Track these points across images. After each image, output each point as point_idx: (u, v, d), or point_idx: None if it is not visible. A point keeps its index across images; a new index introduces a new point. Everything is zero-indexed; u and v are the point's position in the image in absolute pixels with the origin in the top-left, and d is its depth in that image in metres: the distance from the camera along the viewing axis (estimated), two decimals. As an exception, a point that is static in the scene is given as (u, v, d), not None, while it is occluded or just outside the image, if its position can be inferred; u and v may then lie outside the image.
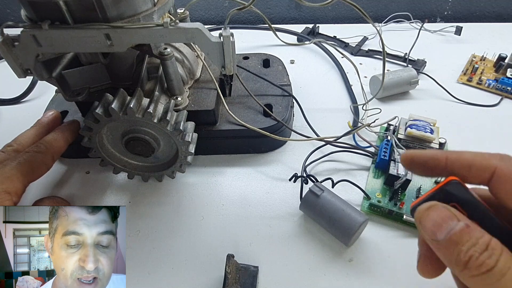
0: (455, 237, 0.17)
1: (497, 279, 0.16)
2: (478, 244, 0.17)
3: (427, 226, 0.19)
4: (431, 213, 0.19)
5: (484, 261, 0.17)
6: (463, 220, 0.18)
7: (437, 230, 0.18)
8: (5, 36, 0.28)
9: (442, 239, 0.18)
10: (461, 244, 0.17)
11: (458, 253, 0.17)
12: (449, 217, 0.18)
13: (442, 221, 0.18)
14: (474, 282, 0.17)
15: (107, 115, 0.30)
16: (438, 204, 0.19)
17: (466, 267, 0.17)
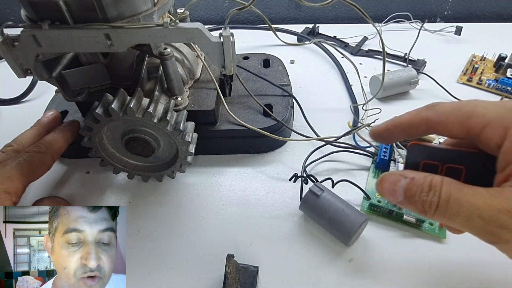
0: (408, 193, 0.20)
1: (445, 208, 0.19)
2: (423, 189, 0.20)
3: (386, 196, 0.22)
4: (383, 185, 0.22)
5: (430, 200, 0.20)
6: (408, 175, 0.21)
7: (394, 195, 0.21)
8: (5, 36, 0.28)
9: (402, 200, 0.21)
10: (414, 196, 0.20)
11: (415, 204, 0.20)
12: (396, 180, 0.21)
13: (393, 186, 0.21)
14: (439, 219, 0.20)
15: (107, 115, 0.30)
16: (384, 175, 0.22)
17: (426, 213, 0.20)
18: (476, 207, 0.18)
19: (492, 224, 0.18)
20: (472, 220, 0.19)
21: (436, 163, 0.22)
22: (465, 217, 0.19)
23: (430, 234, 0.32)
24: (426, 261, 0.31)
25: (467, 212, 0.19)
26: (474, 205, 0.19)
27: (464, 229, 0.20)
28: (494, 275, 0.30)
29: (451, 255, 0.31)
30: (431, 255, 0.31)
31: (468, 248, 0.32)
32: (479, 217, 0.18)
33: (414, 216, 0.33)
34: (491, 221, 0.18)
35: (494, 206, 0.18)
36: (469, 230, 0.19)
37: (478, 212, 0.18)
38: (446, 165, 0.22)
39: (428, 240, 0.32)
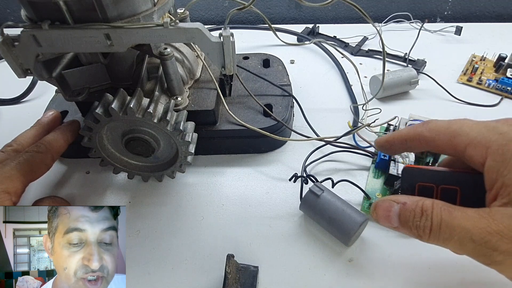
0: (402, 218, 0.21)
1: (438, 233, 0.20)
2: (416, 214, 0.21)
3: (382, 222, 0.23)
4: (377, 211, 0.23)
5: (424, 225, 0.20)
6: (401, 201, 0.22)
7: (389, 221, 0.22)
8: (5, 36, 0.28)
9: (397, 225, 0.22)
10: (408, 221, 0.21)
11: (410, 229, 0.21)
12: (389, 205, 0.22)
13: (387, 212, 0.22)
14: (435, 243, 0.21)
15: (107, 115, 0.30)
16: (377, 202, 0.23)
17: (421, 237, 0.21)
18: (467, 230, 0.19)
19: (483, 247, 0.19)
20: (464, 244, 0.19)
21: (431, 185, 0.23)
22: (458, 241, 0.19)
23: (430, 234, 0.32)
24: (426, 261, 0.31)
25: (459, 236, 0.19)
26: (465, 229, 0.19)
27: (458, 252, 0.20)
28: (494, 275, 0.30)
29: (451, 255, 0.31)
30: (431, 255, 0.31)
31: (468, 248, 0.32)
32: (470, 240, 0.19)
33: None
34: (482, 244, 0.19)
35: (484, 228, 0.19)
36: (463, 252, 0.20)
37: (469, 235, 0.19)
38: (441, 186, 0.23)
39: (428, 240, 0.32)
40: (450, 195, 0.22)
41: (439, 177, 0.23)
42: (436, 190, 0.23)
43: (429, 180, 0.23)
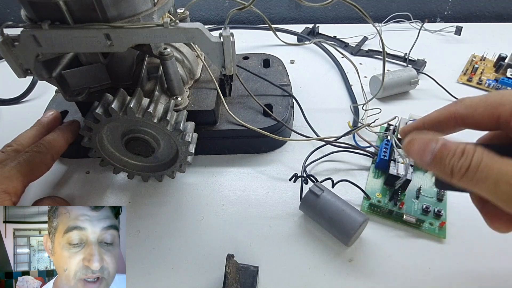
0: (438, 155, 0.21)
1: (474, 173, 0.19)
2: (455, 154, 0.20)
3: (414, 155, 0.22)
4: (412, 145, 0.22)
5: (461, 164, 0.20)
6: (441, 140, 0.21)
7: (422, 155, 0.21)
8: (5, 36, 0.28)
9: (429, 161, 0.21)
10: (444, 159, 0.21)
11: (444, 167, 0.21)
12: (428, 142, 0.21)
13: (424, 147, 0.21)
14: (466, 184, 0.20)
15: (107, 115, 0.30)
16: (414, 136, 0.22)
17: (453, 175, 0.20)
18: (505, 172, 0.19)
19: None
20: (499, 186, 0.19)
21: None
22: (493, 183, 0.19)
23: (430, 234, 0.32)
24: (426, 261, 0.31)
25: (495, 178, 0.19)
26: (503, 171, 0.19)
27: (489, 195, 0.19)
28: (494, 275, 0.30)
29: (451, 255, 0.31)
30: (431, 255, 0.31)
31: (468, 248, 0.32)
32: (506, 183, 0.18)
33: (414, 216, 0.33)
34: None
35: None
36: (494, 196, 0.19)
37: (506, 178, 0.18)
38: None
39: (428, 240, 0.32)
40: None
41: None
42: None
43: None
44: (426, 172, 0.37)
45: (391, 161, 0.36)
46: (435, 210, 0.33)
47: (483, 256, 0.31)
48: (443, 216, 0.33)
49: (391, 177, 0.35)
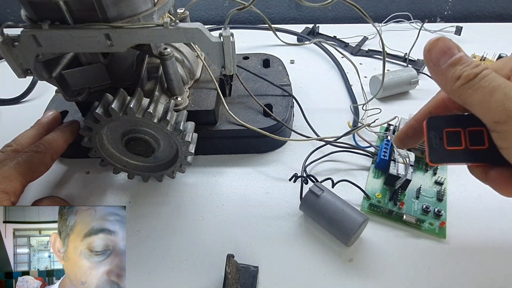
0: (454, 61, 0.21)
1: (479, 80, 0.20)
2: (470, 65, 0.21)
3: (433, 53, 0.22)
4: (439, 42, 0.22)
5: (472, 71, 0.21)
6: (462, 52, 0.22)
7: (441, 57, 0.22)
8: (5, 36, 0.28)
9: (443, 65, 0.22)
10: (459, 65, 0.21)
11: (454, 72, 0.21)
12: (452, 47, 0.22)
13: (446, 49, 0.22)
14: (465, 91, 0.21)
15: (107, 115, 0.30)
16: (444, 37, 0.22)
17: (456, 81, 0.21)
18: (504, 85, 0.20)
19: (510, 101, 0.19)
20: (494, 93, 0.20)
21: (458, 129, 0.23)
22: (490, 90, 0.20)
23: (430, 234, 0.32)
24: (426, 261, 0.31)
25: (493, 86, 0.20)
26: (503, 84, 0.20)
27: (482, 102, 0.20)
28: (494, 275, 0.30)
29: (451, 255, 0.31)
30: (431, 255, 0.31)
31: (468, 248, 0.32)
32: (502, 93, 0.19)
33: (414, 216, 0.33)
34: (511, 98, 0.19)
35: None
36: (486, 104, 0.20)
37: (505, 90, 0.19)
38: (467, 129, 0.23)
39: (428, 240, 0.32)
40: (478, 137, 0.22)
41: (463, 121, 0.23)
42: (463, 133, 0.23)
43: (455, 125, 0.23)
44: (426, 172, 0.37)
45: (391, 161, 0.36)
46: (435, 210, 0.33)
47: (483, 256, 0.31)
48: (443, 216, 0.33)
49: (391, 177, 0.35)
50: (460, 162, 0.23)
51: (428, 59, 0.23)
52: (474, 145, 0.22)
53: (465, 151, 0.22)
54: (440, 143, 0.23)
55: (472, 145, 0.22)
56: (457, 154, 0.23)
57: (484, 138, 0.22)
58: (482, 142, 0.22)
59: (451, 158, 0.23)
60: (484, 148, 0.22)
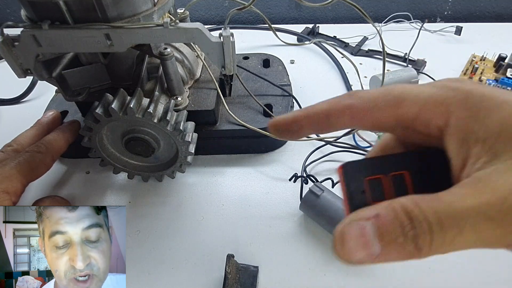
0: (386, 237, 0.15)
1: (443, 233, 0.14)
2: (403, 222, 0.14)
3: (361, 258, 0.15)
4: (347, 244, 0.15)
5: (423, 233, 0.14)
6: (370, 214, 0.15)
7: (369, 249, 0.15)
8: (5, 36, 0.28)
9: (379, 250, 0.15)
10: (399, 237, 0.14)
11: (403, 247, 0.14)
12: (360, 228, 0.15)
13: (361, 239, 0.15)
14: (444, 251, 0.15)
15: (107, 115, 0.30)
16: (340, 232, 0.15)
17: (421, 250, 0.15)
18: (475, 209, 0.14)
19: (508, 218, 0.14)
20: (481, 230, 0.14)
21: (379, 176, 0.18)
22: (472, 229, 0.14)
23: (430, 234, 0.32)
24: (426, 261, 0.31)
25: (471, 222, 0.14)
26: (472, 209, 0.14)
27: (474, 245, 0.15)
28: (494, 275, 0.30)
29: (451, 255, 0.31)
30: (431, 255, 0.31)
31: (468, 248, 0.32)
32: (487, 219, 0.14)
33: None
34: (504, 215, 0.14)
35: (494, 195, 0.14)
36: (480, 243, 0.15)
37: (482, 214, 0.14)
38: (390, 174, 0.18)
39: (428, 240, 0.32)
40: (401, 182, 0.18)
41: (385, 164, 0.18)
42: (385, 180, 0.18)
43: (376, 171, 0.18)
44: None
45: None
46: (435, 210, 0.33)
47: (483, 256, 0.31)
48: (443, 216, 0.33)
49: (391, 177, 0.34)
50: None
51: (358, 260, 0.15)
52: (399, 195, 0.16)
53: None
54: (362, 197, 0.18)
55: (397, 193, 0.17)
56: None
57: (407, 183, 0.18)
58: (405, 188, 0.18)
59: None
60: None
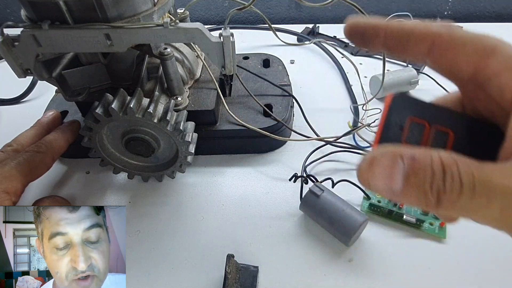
0: (413, 179, 0.15)
1: (471, 196, 0.14)
2: (435, 172, 0.14)
3: (380, 187, 0.15)
4: (374, 171, 0.15)
5: (451, 190, 0.14)
6: (406, 154, 0.15)
7: (391, 184, 0.15)
8: (5, 36, 0.28)
9: (400, 188, 0.15)
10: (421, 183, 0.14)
11: (425, 195, 0.15)
12: (392, 162, 0.15)
13: (390, 172, 0.15)
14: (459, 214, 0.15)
15: (107, 115, 0.30)
16: (373, 156, 0.15)
17: (440, 205, 0.15)
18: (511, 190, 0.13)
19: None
20: (507, 209, 0.14)
21: (423, 122, 0.18)
22: (499, 207, 0.14)
23: (430, 234, 0.32)
24: (426, 261, 0.31)
25: (501, 199, 0.14)
26: (508, 188, 0.13)
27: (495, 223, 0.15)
28: (494, 275, 0.30)
29: (451, 255, 0.31)
30: (431, 255, 0.31)
31: (468, 248, 0.32)
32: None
33: (414, 215, 0.33)
34: None
35: None
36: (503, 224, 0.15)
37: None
38: (434, 126, 0.18)
39: (428, 240, 0.32)
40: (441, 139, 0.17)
41: (434, 114, 0.18)
42: (428, 130, 0.17)
43: (423, 115, 0.18)
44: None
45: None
46: (435, 210, 0.33)
47: (483, 256, 0.31)
48: (443, 216, 0.33)
49: (391, 177, 0.34)
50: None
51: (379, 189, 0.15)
52: (435, 146, 0.17)
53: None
54: (398, 133, 0.17)
55: (433, 146, 0.17)
56: None
57: (447, 143, 0.17)
58: (444, 146, 0.17)
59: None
60: None
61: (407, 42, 0.17)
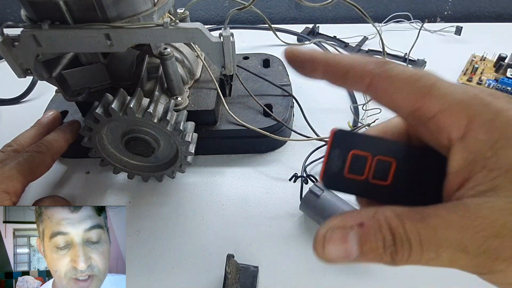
0: (367, 247, 0.15)
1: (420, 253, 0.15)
2: (385, 237, 0.15)
3: (339, 261, 0.16)
4: (328, 246, 0.16)
5: (402, 250, 0.15)
6: (355, 222, 0.16)
7: (347, 256, 0.16)
8: (5, 36, 0.28)
9: (357, 256, 0.16)
10: (374, 248, 0.15)
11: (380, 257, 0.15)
12: (343, 234, 0.16)
13: (344, 247, 0.16)
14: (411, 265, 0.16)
15: (107, 115, 0.30)
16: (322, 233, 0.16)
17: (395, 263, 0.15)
18: (456, 241, 0.15)
19: (481, 257, 0.15)
20: (455, 259, 0.15)
21: (366, 154, 0.18)
22: (447, 258, 0.15)
23: (430, 234, 0.32)
24: (426, 261, 0.31)
25: (448, 252, 0.15)
26: (453, 240, 0.15)
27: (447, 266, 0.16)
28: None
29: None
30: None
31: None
32: (463, 253, 0.15)
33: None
34: (480, 254, 0.15)
35: (477, 234, 0.14)
36: (454, 267, 0.16)
37: (461, 247, 0.15)
38: (376, 157, 0.18)
39: (428, 240, 0.32)
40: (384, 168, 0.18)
41: (377, 146, 0.18)
42: (370, 161, 0.18)
43: (365, 148, 0.18)
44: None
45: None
46: (435, 210, 0.33)
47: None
48: (443, 216, 0.33)
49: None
50: (357, 194, 0.19)
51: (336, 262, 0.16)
52: (377, 178, 0.18)
53: (365, 183, 0.18)
54: (341, 166, 0.18)
55: (374, 178, 0.18)
56: (355, 184, 0.18)
57: (390, 172, 0.18)
58: (385, 177, 0.18)
59: (348, 187, 0.18)
60: (384, 184, 0.18)
61: (345, 78, 0.18)
